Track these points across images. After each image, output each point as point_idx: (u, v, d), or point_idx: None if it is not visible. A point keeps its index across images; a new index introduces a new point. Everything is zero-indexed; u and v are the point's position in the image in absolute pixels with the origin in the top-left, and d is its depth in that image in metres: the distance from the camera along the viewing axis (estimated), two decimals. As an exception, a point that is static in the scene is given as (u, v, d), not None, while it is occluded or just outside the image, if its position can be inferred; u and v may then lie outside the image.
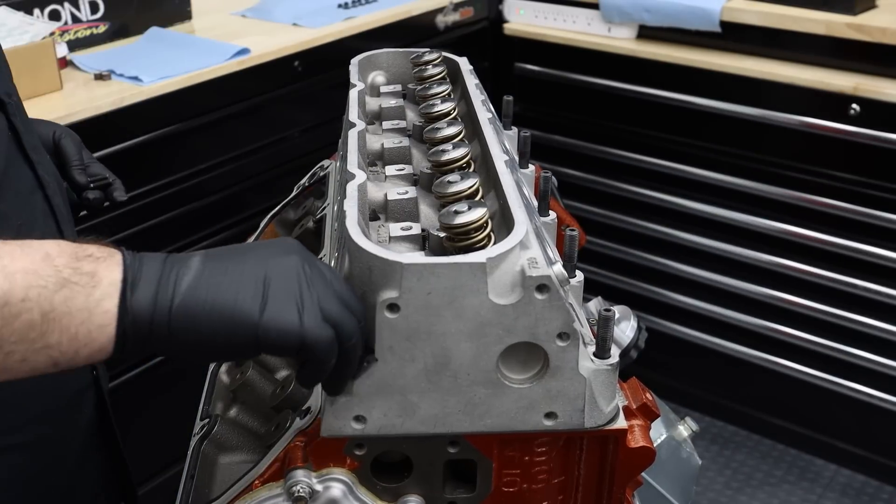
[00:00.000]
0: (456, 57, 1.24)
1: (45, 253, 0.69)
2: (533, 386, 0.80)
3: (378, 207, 0.95)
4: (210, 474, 0.98)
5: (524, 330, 0.77)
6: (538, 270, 0.76)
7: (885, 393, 2.38)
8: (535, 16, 2.67)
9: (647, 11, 2.44)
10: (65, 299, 0.69)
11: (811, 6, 2.26)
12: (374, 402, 0.80)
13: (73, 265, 0.70)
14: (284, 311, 0.72)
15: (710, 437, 2.69)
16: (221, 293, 0.72)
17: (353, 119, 1.05)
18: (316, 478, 0.83)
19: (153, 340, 0.72)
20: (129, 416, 1.94)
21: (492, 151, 0.95)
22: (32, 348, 0.69)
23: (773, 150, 2.38)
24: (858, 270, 2.33)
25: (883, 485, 2.50)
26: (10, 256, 0.68)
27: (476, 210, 0.82)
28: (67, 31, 2.06)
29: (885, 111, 2.17)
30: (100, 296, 0.70)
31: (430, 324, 0.77)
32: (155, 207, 1.95)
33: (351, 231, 0.79)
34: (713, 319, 2.61)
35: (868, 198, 2.27)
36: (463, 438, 0.83)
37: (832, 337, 2.42)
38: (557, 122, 2.72)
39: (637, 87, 2.53)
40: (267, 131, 2.19)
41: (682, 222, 2.58)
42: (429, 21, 2.50)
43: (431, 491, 0.86)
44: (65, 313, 0.69)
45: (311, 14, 2.35)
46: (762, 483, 2.54)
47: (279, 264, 0.74)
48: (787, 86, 2.29)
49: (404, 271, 0.75)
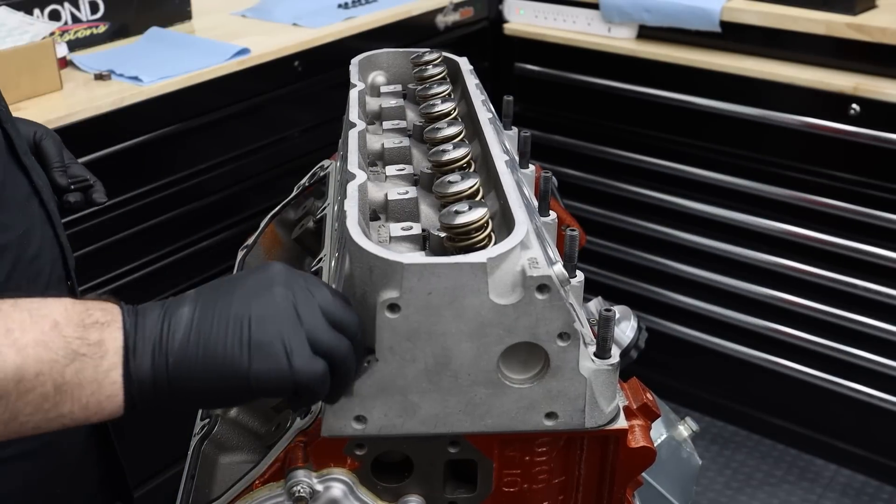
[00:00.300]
0: (456, 57, 1.24)
1: (53, 321, 0.70)
2: (533, 386, 0.80)
3: (378, 207, 0.95)
4: (210, 474, 0.98)
5: (525, 330, 0.77)
6: (539, 270, 0.76)
7: (885, 393, 2.38)
8: (535, 16, 2.67)
9: (647, 11, 2.44)
10: (76, 372, 0.70)
11: (811, 6, 2.26)
12: (374, 402, 0.80)
13: (81, 335, 0.71)
14: (271, 357, 0.72)
15: (710, 437, 2.69)
16: (211, 346, 0.72)
17: (354, 119, 1.05)
18: (316, 478, 0.83)
19: (158, 399, 0.73)
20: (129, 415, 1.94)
21: (492, 151, 0.95)
22: (46, 418, 0.70)
23: (773, 150, 2.38)
24: (858, 270, 2.33)
25: (883, 485, 2.50)
26: (21, 328, 0.69)
27: (476, 210, 0.82)
28: (67, 31, 2.06)
29: (885, 111, 2.17)
30: (107, 367, 0.71)
31: (430, 324, 0.77)
32: (155, 207, 1.95)
33: (351, 231, 0.79)
34: (713, 319, 2.61)
35: (868, 198, 2.27)
36: (463, 438, 0.83)
37: (832, 337, 2.42)
38: (557, 122, 2.72)
39: (637, 87, 2.53)
40: (267, 131, 2.19)
41: (682, 222, 2.58)
42: (429, 21, 2.50)
43: (432, 491, 0.86)
44: (76, 385, 0.70)
45: (311, 14, 2.35)
46: (762, 483, 2.54)
47: (262, 302, 0.73)
48: (787, 86, 2.29)
49: (405, 271, 0.75)
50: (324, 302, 0.75)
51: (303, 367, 0.72)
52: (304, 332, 0.73)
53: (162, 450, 1.92)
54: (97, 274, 1.83)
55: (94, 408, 0.71)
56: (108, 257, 1.85)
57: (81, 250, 1.79)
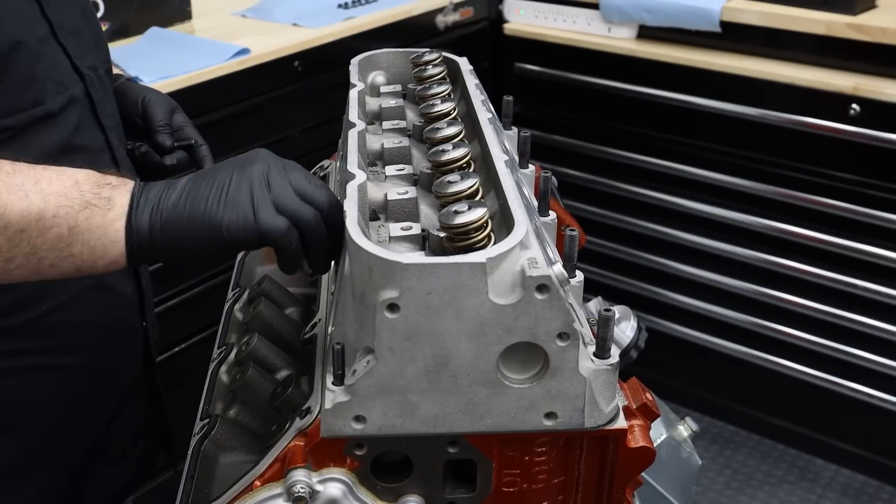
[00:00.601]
0: (456, 57, 1.24)
1: (74, 180, 0.87)
2: (533, 386, 0.80)
3: (378, 207, 0.95)
4: (210, 474, 0.98)
5: (524, 330, 0.77)
6: (538, 270, 0.76)
7: (885, 393, 2.38)
8: (535, 16, 2.67)
9: (647, 11, 2.44)
10: (86, 218, 0.86)
11: (811, 6, 2.26)
12: (374, 402, 0.80)
13: (95, 191, 0.87)
14: (241, 210, 0.86)
15: (710, 437, 2.69)
16: (195, 204, 0.87)
17: (353, 119, 1.05)
18: (316, 478, 0.83)
19: (154, 251, 0.88)
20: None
21: (492, 151, 0.95)
22: (60, 256, 0.86)
23: (773, 150, 2.38)
24: (858, 270, 2.33)
25: (883, 485, 2.50)
26: (48, 181, 0.86)
27: (476, 210, 0.82)
28: (67, 31, 2.06)
29: (885, 111, 2.17)
30: (113, 217, 0.87)
31: (430, 324, 0.77)
32: (155, 207, 1.94)
33: (351, 231, 0.79)
34: (713, 319, 2.61)
35: (868, 198, 2.27)
36: (463, 438, 0.83)
37: (832, 337, 2.42)
38: (557, 122, 2.72)
39: (637, 87, 2.53)
40: (267, 131, 2.19)
41: (682, 222, 2.58)
42: (429, 21, 2.50)
43: (431, 491, 0.86)
44: (86, 229, 0.86)
45: (311, 14, 2.35)
46: (762, 483, 2.54)
47: (242, 172, 0.88)
48: (787, 86, 2.29)
49: (404, 271, 0.75)
50: (295, 178, 0.88)
51: (266, 220, 0.85)
52: (272, 196, 0.87)
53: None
54: (97, 274, 1.83)
55: (99, 251, 0.87)
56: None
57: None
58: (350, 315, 0.80)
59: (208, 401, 1.07)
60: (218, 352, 1.14)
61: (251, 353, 1.06)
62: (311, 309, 1.13)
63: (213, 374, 1.10)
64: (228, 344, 1.14)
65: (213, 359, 1.13)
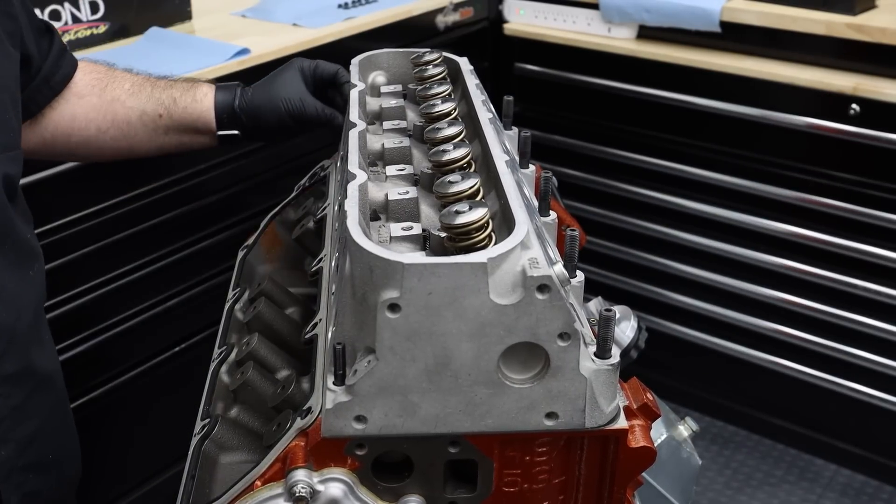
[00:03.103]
0: (456, 57, 1.24)
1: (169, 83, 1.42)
2: (534, 386, 0.80)
3: (379, 207, 0.95)
4: (210, 474, 0.98)
5: (525, 330, 0.77)
6: (539, 270, 0.76)
7: (885, 393, 2.38)
8: (535, 16, 2.67)
9: (647, 11, 2.44)
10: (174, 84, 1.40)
11: (811, 6, 2.26)
12: (374, 402, 0.80)
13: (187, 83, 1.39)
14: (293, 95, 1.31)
15: (710, 437, 2.69)
16: (267, 90, 1.34)
17: (354, 119, 1.06)
18: (317, 478, 0.83)
19: (236, 117, 1.33)
20: (129, 416, 1.94)
21: (492, 151, 0.95)
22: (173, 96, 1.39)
23: (773, 150, 2.38)
24: (858, 270, 2.33)
25: (883, 485, 2.50)
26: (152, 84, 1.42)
27: (477, 210, 0.82)
28: (67, 31, 2.06)
29: (885, 111, 2.17)
30: (198, 86, 1.38)
31: (430, 324, 0.77)
32: (155, 207, 1.94)
33: (352, 231, 0.79)
34: (713, 319, 2.61)
35: (868, 198, 2.27)
36: (464, 438, 0.83)
37: (832, 337, 2.42)
38: (557, 122, 2.72)
39: (637, 87, 2.53)
40: (267, 131, 2.18)
41: (682, 222, 2.58)
42: (429, 21, 2.50)
43: (432, 491, 0.86)
44: (177, 88, 1.38)
45: (311, 14, 2.35)
46: (762, 483, 2.54)
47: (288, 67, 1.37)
48: (787, 86, 2.29)
49: (405, 271, 0.75)
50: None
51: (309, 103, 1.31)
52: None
53: (162, 450, 1.92)
54: (98, 273, 1.83)
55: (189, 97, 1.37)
56: (108, 257, 1.85)
57: (81, 250, 1.79)
58: (351, 315, 0.80)
59: (209, 401, 1.07)
60: (218, 352, 1.14)
61: (252, 354, 1.06)
62: (311, 309, 1.13)
63: (213, 374, 1.10)
64: (229, 344, 1.14)
65: (213, 359, 1.13)
